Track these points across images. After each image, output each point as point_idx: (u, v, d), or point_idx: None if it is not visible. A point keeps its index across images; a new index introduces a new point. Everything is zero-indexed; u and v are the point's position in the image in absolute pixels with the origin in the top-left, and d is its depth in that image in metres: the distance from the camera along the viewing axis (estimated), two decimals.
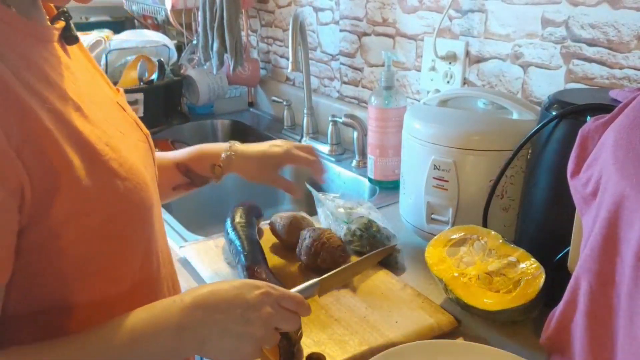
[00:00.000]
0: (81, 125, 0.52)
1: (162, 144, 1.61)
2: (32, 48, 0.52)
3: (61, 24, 0.57)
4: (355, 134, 1.37)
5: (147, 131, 0.68)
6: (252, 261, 0.84)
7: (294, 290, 0.65)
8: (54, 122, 0.49)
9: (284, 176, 0.93)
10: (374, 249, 0.90)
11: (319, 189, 1.10)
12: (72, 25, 0.59)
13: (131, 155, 0.58)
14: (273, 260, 0.92)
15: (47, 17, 0.58)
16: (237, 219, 0.96)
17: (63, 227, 0.50)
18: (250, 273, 0.82)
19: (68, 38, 0.58)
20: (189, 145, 1.65)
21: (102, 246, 0.54)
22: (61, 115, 0.50)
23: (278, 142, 0.92)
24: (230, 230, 0.93)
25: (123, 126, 0.61)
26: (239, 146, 0.89)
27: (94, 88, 0.60)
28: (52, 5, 0.59)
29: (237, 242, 0.89)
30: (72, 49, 0.60)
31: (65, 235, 0.50)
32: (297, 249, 0.90)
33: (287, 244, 0.95)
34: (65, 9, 0.59)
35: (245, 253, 0.86)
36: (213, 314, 0.55)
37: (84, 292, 0.54)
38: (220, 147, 0.89)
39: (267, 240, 0.98)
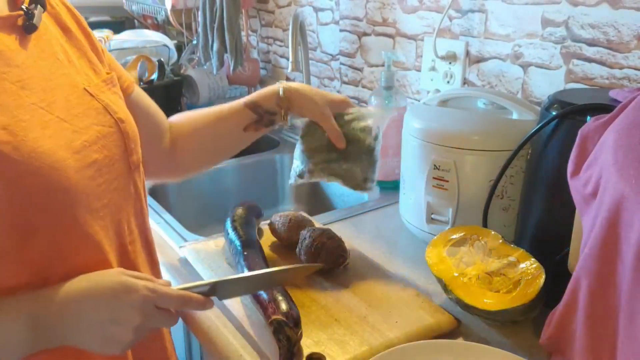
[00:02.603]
0: None
1: None
2: None
3: (18, 12, 0.59)
4: None
5: (122, 116, 0.67)
6: (251, 261, 0.84)
7: (183, 286, 0.64)
8: None
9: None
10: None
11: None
12: (38, 14, 0.60)
13: (49, 139, 0.57)
14: (273, 260, 0.92)
15: (6, 5, 0.59)
16: (237, 218, 0.96)
17: None
18: None
19: (27, 27, 0.59)
20: None
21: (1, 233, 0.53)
22: None
23: (321, 91, 0.93)
24: (230, 230, 0.93)
25: (76, 111, 0.61)
26: (293, 85, 0.90)
27: (47, 74, 0.60)
28: None
29: (237, 242, 0.89)
30: (41, 36, 0.61)
31: None
32: (297, 249, 0.90)
33: (287, 244, 0.95)
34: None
35: (245, 253, 0.86)
36: (78, 314, 0.57)
37: None
38: (281, 85, 0.90)
39: (267, 240, 0.98)
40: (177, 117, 0.92)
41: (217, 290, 0.66)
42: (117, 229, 0.65)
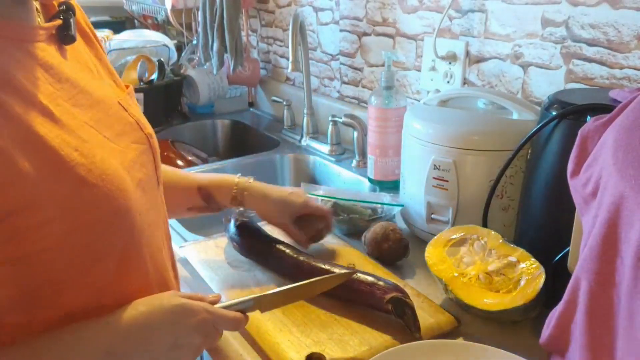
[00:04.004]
0: (45, 130, 0.50)
1: (162, 144, 1.61)
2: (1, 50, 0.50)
3: (56, 22, 0.56)
4: (355, 134, 1.37)
5: (150, 131, 0.67)
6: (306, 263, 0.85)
7: (227, 304, 0.65)
8: (8, 127, 0.47)
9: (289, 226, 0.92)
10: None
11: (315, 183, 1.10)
12: (73, 23, 0.57)
13: (111, 160, 0.55)
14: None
15: (40, 15, 0.56)
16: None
17: (23, 237, 0.48)
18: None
19: (64, 37, 0.56)
20: (188, 144, 1.67)
21: (66, 257, 0.51)
22: (21, 121, 0.48)
23: (296, 190, 0.93)
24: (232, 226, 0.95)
25: (116, 128, 0.59)
26: (257, 185, 0.91)
27: (88, 88, 0.58)
28: (54, 2, 0.57)
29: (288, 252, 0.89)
30: (75, 47, 0.59)
31: (26, 246, 0.48)
32: (362, 239, 0.95)
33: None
34: (67, 7, 0.57)
35: (300, 258, 0.86)
36: (146, 342, 0.56)
37: (52, 304, 0.52)
38: (239, 180, 0.90)
39: None
40: None
41: (260, 305, 0.67)
42: (155, 247, 0.64)
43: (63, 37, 0.56)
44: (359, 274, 0.78)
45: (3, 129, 0.46)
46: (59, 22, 0.56)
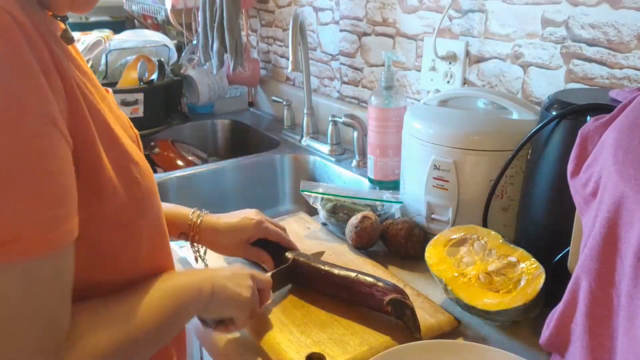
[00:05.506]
0: (102, 110, 0.54)
1: (163, 144, 1.61)
2: (62, 44, 0.55)
3: (62, 25, 0.58)
4: (355, 134, 1.37)
5: (136, 131, 0.68)
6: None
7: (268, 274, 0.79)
8: (86, 102, 0.51)
9: (255, 249, 0.88)
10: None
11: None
12: (68, 26, 0.59)
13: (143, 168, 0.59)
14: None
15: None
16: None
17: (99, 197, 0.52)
18: None
19: (66, 37, 0.58)
20: (188, 144, 1.67)
21: (110, 234, 0.55)
22: (88, 97, 0.52)
23: (250, 213, 0.88)
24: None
25: (119, 123, 0.61)
26: (208, 218, 0.86)
27: (97, 84, 0.60)
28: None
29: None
30: (70, 49, 0.60)
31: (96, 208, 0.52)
32: (382, 236, 0.96)
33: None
34: None
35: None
36: (221, 276, 0.68)
37: (96, 276, 0.55)
38: (193, 214, 0.86)
39: None
40: None
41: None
42: (164, 233, 0.67)
43: (65, 37, 0.58)
44: (359, 275, 0.78)
45: (84, 102, 0.51)
46: (62, 25, 0.58)
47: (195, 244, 0.86)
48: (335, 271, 0.79)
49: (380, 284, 0.76)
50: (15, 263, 0.43)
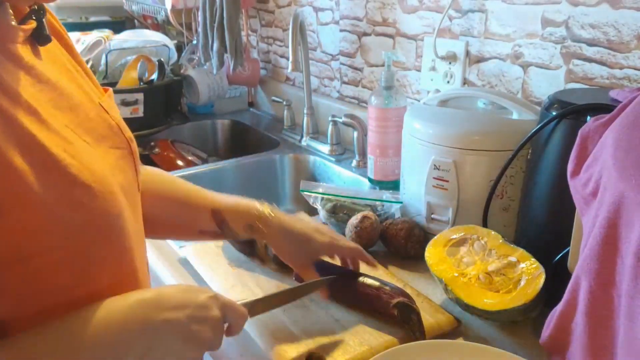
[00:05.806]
0: (35, 128, 0.48)
1: (162, 144, 1.61)
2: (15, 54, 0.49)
3: (31, 24, 0.54)
4: (355, 134, 1.37)
5: (130, 135, 0.64)
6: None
7: None
8: (1, 125, 0.45)
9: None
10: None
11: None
12: (45, 24, 0.55)
13: (96, 163, 0.53)
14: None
15: (13, 17, 0.54)
16: None
17: (20, 244, 0.46)
18: None
19: (41, 38, 0.55)
20: (188, 144, 1.67)
21: (62, 263, 0.49)
22: (10, 118, 0.46)
23: (321, 227, 0.83)
24: None
25: (96, 132, 0.57)
26: (278, 215, 0.79)
27: (68, 91, 0.56)
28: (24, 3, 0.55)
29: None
30: (49, 48, 0.57)
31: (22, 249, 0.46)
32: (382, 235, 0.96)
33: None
34: (39, 7, 0.55)
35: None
36: (162, 312, 0.53)
37: (49, 311, 0.50)
38: (260, 207, 0.79)
39: None
40: (149, 168, 0.80)
41: (252, 310, 0.66)
42: (138, 255, 0.61)
43: (39, 37, 0.55)
44: (365, 278, 0.77)
45: None
46: (32, 23, 0.54)
47: (259, 241, 0.77)
48: (387, 288, 0.77)
49: (387, 287, 0.76)
50: None
